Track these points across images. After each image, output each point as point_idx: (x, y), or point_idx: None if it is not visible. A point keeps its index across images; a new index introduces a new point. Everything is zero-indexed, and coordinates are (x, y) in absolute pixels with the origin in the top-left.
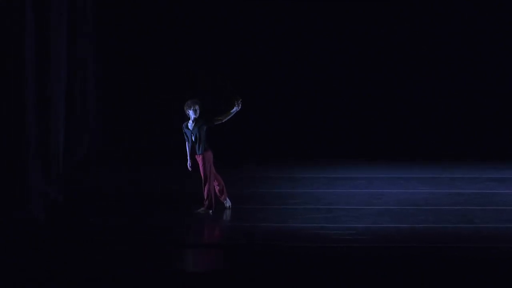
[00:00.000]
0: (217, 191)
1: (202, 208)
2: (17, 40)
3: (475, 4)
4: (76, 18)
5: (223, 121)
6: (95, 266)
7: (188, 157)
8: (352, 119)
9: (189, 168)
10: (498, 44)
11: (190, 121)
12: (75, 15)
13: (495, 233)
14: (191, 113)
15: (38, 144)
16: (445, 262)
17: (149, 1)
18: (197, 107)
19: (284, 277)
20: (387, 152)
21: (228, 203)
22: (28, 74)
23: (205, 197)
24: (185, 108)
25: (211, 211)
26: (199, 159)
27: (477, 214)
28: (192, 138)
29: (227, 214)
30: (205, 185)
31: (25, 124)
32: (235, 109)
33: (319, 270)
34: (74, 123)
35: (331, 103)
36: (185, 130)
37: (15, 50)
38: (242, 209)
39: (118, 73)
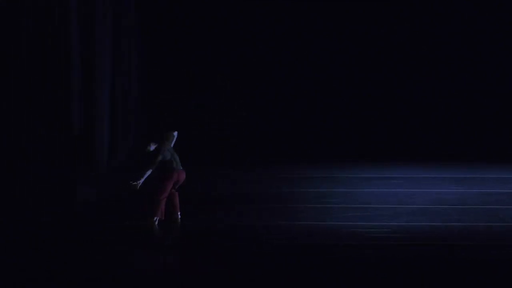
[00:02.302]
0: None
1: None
2: (64, 41)
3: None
4: (120, 14)
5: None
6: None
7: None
8: (388, 121)
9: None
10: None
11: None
12: (120, 8)
13: None
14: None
15: (83, 146)
16: (480, 260)
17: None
18: (151, 144)
19: (321, 275)
20: (421, 153)
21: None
22: (75, 74)
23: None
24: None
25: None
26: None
27: (509, 213)
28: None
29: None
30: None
31: (71, 122)
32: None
33: (356, 268)
34: (118, 123)
35: (364, 103)
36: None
37: (63, 51)
38: (282, 208)
39: (160, 73)
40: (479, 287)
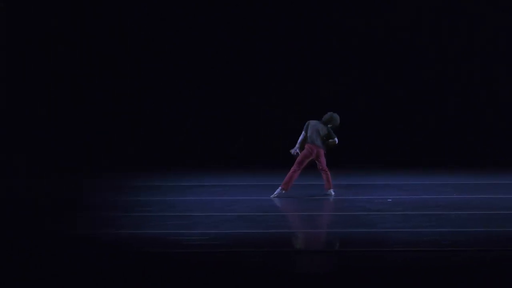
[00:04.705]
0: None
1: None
2: None
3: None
4: None
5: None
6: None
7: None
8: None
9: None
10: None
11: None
12: None
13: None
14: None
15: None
16: (300, 266)
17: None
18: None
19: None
20: (250, 162)
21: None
22: None
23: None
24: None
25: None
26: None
27: (322, 219)
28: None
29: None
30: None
31: None
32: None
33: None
34: None
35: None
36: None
37: None
38: (102, 217)
39: None
40: None
